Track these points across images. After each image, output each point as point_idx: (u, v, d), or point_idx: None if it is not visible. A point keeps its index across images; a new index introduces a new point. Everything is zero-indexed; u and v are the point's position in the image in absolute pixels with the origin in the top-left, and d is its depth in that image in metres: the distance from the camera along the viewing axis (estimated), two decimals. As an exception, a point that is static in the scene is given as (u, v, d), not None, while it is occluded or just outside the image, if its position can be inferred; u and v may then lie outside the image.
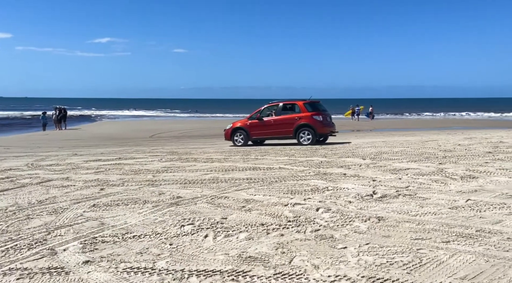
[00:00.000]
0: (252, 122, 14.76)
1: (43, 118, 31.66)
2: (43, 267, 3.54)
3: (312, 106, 14.42)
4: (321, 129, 14.22)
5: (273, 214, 5.12)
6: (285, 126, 14.19)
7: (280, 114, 14.50)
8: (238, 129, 14.93)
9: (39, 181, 8.08)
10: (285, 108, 14.65)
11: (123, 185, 7.41)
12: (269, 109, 14.88)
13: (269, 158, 10.74)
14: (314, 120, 14.05)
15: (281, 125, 14.28)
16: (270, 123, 14.48)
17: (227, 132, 15.32)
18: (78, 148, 16.56)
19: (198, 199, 6.04)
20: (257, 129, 14.63)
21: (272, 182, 7.20)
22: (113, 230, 4.61)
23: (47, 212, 5.47)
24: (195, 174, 8.38)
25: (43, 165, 10.56)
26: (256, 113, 14.96)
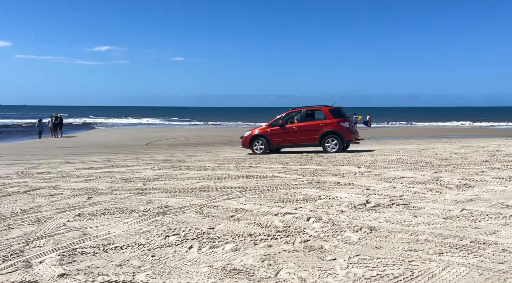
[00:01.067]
0: (273, 129, 14.28)
1: (38, 126, 31.45)
2: (15, 281, 3.37)
3: (338, 113, 14.02)
4: (348, 136, 13.83)
5: (263, 224, 4.96)
6: (310, 133, 13.80)
7: (303, 120, 14.13)
8: (258, 136, 14.42)
9: (26, 189, 7.91)
10: (309, 114, 14.28)
11: (111, 193, 7.25)
12: (290, 116, 14.50)
13: (263, 166, 10.59)
14: (341, 127, 13.64)
15: (305, 132, 13.88)
16: (293, 130, 14.04)
17: (245, 139, 14.79)
18: (72, 156, 16.38)
19: (187, 208, 5.87)
20: (278, 136, 14.17)
21: (264, 191, 7.05)
22: (95, 240, 4.44)
23: (29, 221, 5.30)
24: (186, 182, 8.22)
25: (33, 173, 10.39)
26: (277, 120, 14.47)
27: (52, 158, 15.09)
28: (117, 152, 18.02)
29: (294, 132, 14.03)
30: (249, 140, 14.61)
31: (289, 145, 14.45)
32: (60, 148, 21.60)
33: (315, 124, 13.91)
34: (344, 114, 14.38)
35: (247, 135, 14.82)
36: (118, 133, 37.28)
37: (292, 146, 14.46)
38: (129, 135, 34.57)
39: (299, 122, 14.20)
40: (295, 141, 14.07)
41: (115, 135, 33.99)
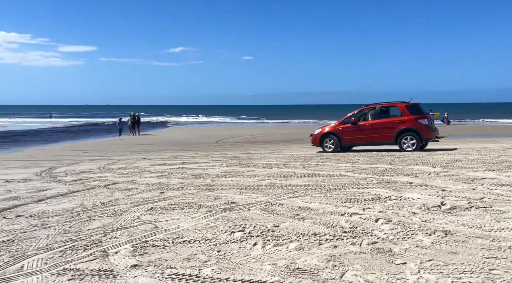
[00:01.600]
0: (345, 127, 13.77)
1: (119, 124, 33.72)
2: (93, 269, 3.62)
3: (416, 109, 13.29)
4: (427, 133, 13.06)
5: (328, 223, 4.85)
6: (385, 131, 13.13)
7: (377, 117, 13.53)
8: (329, 134, 13.97)
9: (106, 183, 8.50)
10: (383, 111, 13.65)
11: (182, 189, 7.54)
12: (363, 113, 13.99)
13: (330, 164, 10.38)
14: (419, 124, 12.93)
15: (379, 130, 13.24)
16: (367, 128, 13.44)
17: (315, 137, 14.44)
18: (148, 152, 17.35)
19: (252, 205, 5.93)
20: (351, 134, 13.63)
21: (330, 190, 6.90)
22: (165, 234, 4.64)
23: (107, 214, 5.68)
24: (252, 179, 8.31)
25: (113, 169, 11.15)
26: (349, 117, 13.96)
27: (130, 155, 16.09)
28: (189, 149, 18.75)
29: (368, 129, 13.45)
30: (319, 138, 14.25)
31: (361, 144, 13.91)
32: (137, 145, 22.96)
33: (390, 121, 13.28)
34: (423, 111, 13.57)
35: (317, 133, 14.47)
36: (190, 131, 38.81)
37: (365, 144, 13.90)
38: (200, 133, 35.84)
39: (373, 119, 13.61)
40: (369, 139, 13.49)
41: (187, 133, 35.42)
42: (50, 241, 4.45)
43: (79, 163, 13.06)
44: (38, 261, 3.84)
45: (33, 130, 38.91)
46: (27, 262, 3.80)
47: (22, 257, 3.95)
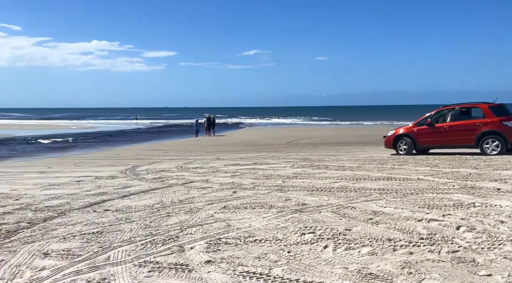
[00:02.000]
0: (420, 129, 13.12)
1: (196, 126, 35.22)
2: (171, 263, 3.84)
3: (501, 110, 12.34)
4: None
5: (404, 229, 4.65)
6: (464, 133, 12.33)
7: (456, 119, 12.70)
8: (403, 135, 13.42)
9: (183, 182, 8.93)
10: (463, 112, 12.81)
11: (254, 189, 7.68)
12: (441, 114, 13.26)
13: (408, 167, 9.91)
14: (504, 126, 11.93)
15: (458, 132, 12.46)
16: (444, 130, 12.73)
17: (388, 139, 13.97)
18: (222, 153, 17.91)
19: (323, 207, 5.86)
20: (426, 136, 12.98)
21: (406, 194, 6.59)
22: (237, 232, 4.77)
23: (184, 211, 5.97)
24: (324, 181, 8.21)
25: (189, 168, 11.68)
26: (425, 119, 13.30)
27: (205, 155, 16.73)
28: (261, 150, 19.02)
29: (446, 131, 12.71)
30: (392, 140, 13.76)
31: (438, 146, 13.23)
32: (212, 145, 23.80)
33: (471, 123, 12.44)
34: (509, 112, 12.54)
35: (391, 135, 13.97)
36: (262, 132, 39.33)
37: (442, 147, 13.19)
38: (272, 134, 36.17)
39: (451, 121, 12.82)
40: (446, 141, 12.75)
41: (260, 134, 35.94)
42: (133, 234, 4.79)
43: (159, 162, 13.86)
44: (122, 252, 4.15)
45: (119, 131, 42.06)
46: (113, 253, 4.14)
47: (109, 248, 4.30)
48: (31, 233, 4.96)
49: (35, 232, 4.99)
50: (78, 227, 5.20)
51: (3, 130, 41.75)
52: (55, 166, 13.25)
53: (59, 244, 4.45)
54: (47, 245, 4.43)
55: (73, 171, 11.64)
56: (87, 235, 4.80)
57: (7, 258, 4.05)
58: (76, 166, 13.24)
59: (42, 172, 11.64)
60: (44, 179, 9.86)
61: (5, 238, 4.74)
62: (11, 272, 3.68)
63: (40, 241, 4.60)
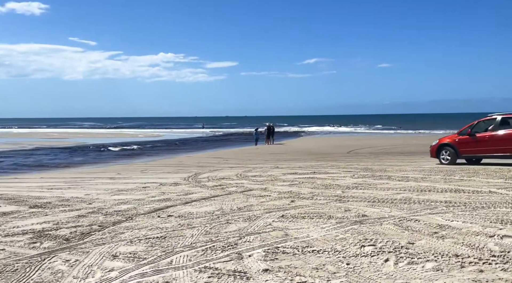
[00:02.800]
0: (462, 138, 13.18)
1: (255, 134, 35.66)
2: (230, 270, 3.92)
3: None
4: None
5: (473, 245, 4.37)
6: (505, 143, 12.15)
7: (498, 129, 12.52)
8: (445, 145, 13.55)
9: (242, 190, 9.08)
10: (504, 122, 12.58)
11: (312, 198, 7.62)
12: (484, 123, 13.15)
13: (478, 179, 9.29)
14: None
15: (499, 142, 12.27)
16: (485, 139, 12.62)
17: (432, 148, 14.16)
18: (280, 161, 17.95)
19: (385, 219, 5.68)
20: (468, 145, 12.94)
21: (476, 208, 6.19)
22: (295, 242, 4.76)
23: (243, 218, 6.07)
24: (386, 192, 7.94)
25: (248, 176, 11.84)
26: (467, 128, 13.34)
27: (264, 163, 16.87)
28: (320, 159, 18.80)
29: (487, 141, 12.54)
30: (436, 149, 13.83)
31: (480, 156, 13.14)
32: (271, 154, 23.94)
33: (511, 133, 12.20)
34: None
35: (435, 144, 14.03)
36: (322, 141, 38.88)
37: (484, 157, 13.09)
38: (332, 143, 35.61)
39: (492, 131, 12.61)
40: (486, 151, 12.61)
41: (319, 143, 35.56)
42: (194, 240, 4.96)
43: (219, 170, 14.21)
44: (184, 257, 4.31)
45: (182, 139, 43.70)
46: (175, 258, 4.31)
47: (172, 252, 4.49)
48: (101, 235, 5.31)
49: (105, 235, 5.33)
50: (144, 231, 5.48)
51: (78, 139, 45.11)
52: (124, 173, 14.06)
53: (126, 247, 4.72)
54: (116, 248, 4.71)
55: (140, 177, 12.28)
56: (151, 239, 5.04)
57: (81, 258, 4.37)
58: (143, 173, 13.95)
59: (112, 178, 12.41)
60: (114, 185, 10.50)
61: (79, 240, 5.11)
62: (84, 272, 3.97)
63: (109, 243, 4.91)
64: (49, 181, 11.87)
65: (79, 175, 13.88)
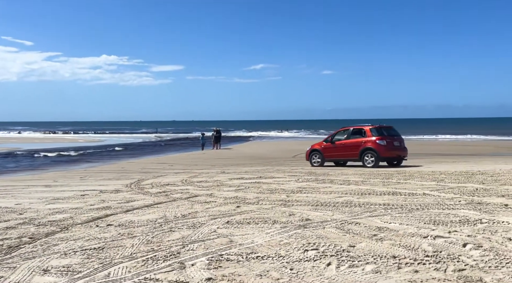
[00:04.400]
0: (326, 145, 16.26)
1: (202, 139, 35.31)
2: (171, 280, 3.79)
3: (378, 131, 15.32)
4: (385, 153, 14.91)
5: (409, 246, 4.57)
6: (352, 149, 15.38)
7: (349, 137, 15.76)
8: (315, 150, 16.51)
9: (187, 196, 8.90)
10: (355, 132, 15.83)
11: (257, 203, 7.63)
12: (342, 133, 16.33)
13: (413, 182, 9.81)
14: (377, 144, 14.89)
15: (348, 148, 15.49)
16: (340, 146, 15.81)
17: (306, 153, 16.97)
18: (227, 166, 17.88)
19: (327, 223, 5.79)
20: (329, 151, 16.03)
21: (412, 210, 6.50)
22: (239, 248, 4.71)
23: (187, 226, 5.93)
24: (328, 196, 8.14)
25: (194, 182, 11.65)
26: (330, 137, 16.56)
27: (211, 168, 16.72)
28: (266, 164, 18.97)
29: (341, 147, 15.77)
30: (308, 153, 16.67)
31: (337, 160, 16.16)
32: (218, 159, 23.80)
33: (357, 141, 15.39)
34: (384, 133, 15.35)
35: (308, 150, 16.94)
36: (268, 146, 39.32)
37: (340, 160, 16.14)
38: (278, 147, 36.13)
39: (345, 139, 15.88)
40: (341, 155, 15.82)
41: (265, 148, 35.93)
42: (134, 250, 4.75)
43: (164, 175, 13.87)
44: (123, 269, 4.11)
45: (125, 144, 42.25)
46: (113, 270, 4.09)
47: (109, 264, 4.26)
48: (32, 248, 4.93)
49: (37, 247, 4.97)
50: (80, 242, 5.17)
51: (11, 144, 42.17)
52: (61, 180, 13.30)
53: (60, 260, 4.42)
54: (48, 261, 4.40)
55: (78, 184, 11.67)
56: (88, 250, 4.77)
57: (6, 274, 4.02)
58: (82, 179, 13.28)
59: (47, 185, 11.68)
60: (49, 193, 9.88)
61: (6, 254, 4.71)
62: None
63: (41, 257, 4.57)
64: (-25, 190, 10.93)
65: (11, 183, 12.93)
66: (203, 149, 33.49)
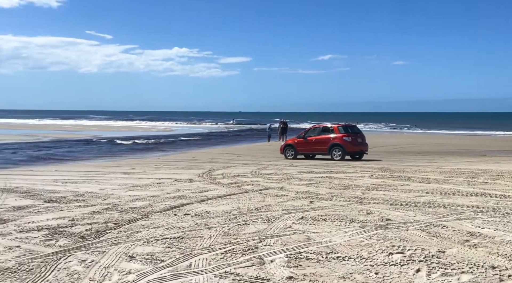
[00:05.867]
0: (299, 140, 18.10)
1: (268, 130, 35.41)
2: (251, 276, 3.73)
3: (345, 129, 17.49)
4: (350, 148, 16.86)
5: (510, 255, 4.11)
6: (322, 145, 17.23)
7: (320, 134, 17.67)
8: (289, 145, 18.41)
9: (258, 188, 8.89)
10: (325, 129, 17.84)
11: (331, 199, 7.40)
12: (313, 131, 18.25)
13: (504, 183, 8.96)
14: (344, 140, 16.86)
15: (319, 143, 17.34)
16: (312, 142, 17.61)
17: (281, 147, 18.91)
18: (295, 159, 17.73)
19: (410, 224, 5.43)
20: (302, 145, 17.84)
21: (507, 214, 5.90)
22: (318, 247, 4.55)
23: (261, 219, 5.88)
24: (407, 194, 7.68)
25: (263, 174, 11.65)
26: (303, 133, 18.30)
27: (278, 160, 16.66)
28: (335, 158, 18.51)
29: (312, 143, 17.60)
30: (283, 148, 18.63)
31: (309, 153, 17.82)
32: (284, 151, 23.66)
33: (326, 137, 17.29)
34: (350, 131, 17.44)
35: (282, 144, 19.05)
36: (335, 138, 38.42)
37: (311, 154, 17.83)
38: (345, 140, 35.19)
39: (316, 135, 17.74)
40: (312, 150, 17.65)
41: (332, 140, 35.15)
42: (212, 242, 4.79)
43: (234, 166, 14.04)
44: (203, 260, 4.14)
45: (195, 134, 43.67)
46: (194, 261, 4.14)
47: (190, 255, 4.32)
48: (117, 234, 5.17)
49: (121, 233, 5.19)
50: (160, 230, 5.32)
51: (92, 131, 45.41)
52: (138, 167, 13.98)
53: (143, 248, 4.57)
54: (132, 248, 4.56)
55: (154, 172, 12.18)
56: (168, 239, 4.89)
57: (97, 258, 4.23)
58: (157, 168, 13.86)
59: (126, 172, 12.33)
60: (128, 180, 10.41)
61: (95, 238, 4.98)
62: (100, 274, 3.82)
63: (126, 243, 4.77)
64: (64, 175, 11.84)
65: (93, 169, 13.85)
66: (269, 141, 33.57)
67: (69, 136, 35.74)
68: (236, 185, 9.38)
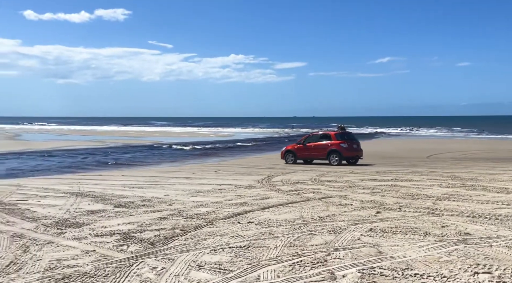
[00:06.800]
0: (298, 146, 19.07)
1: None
2: (323, 291, 3.57)
3: (341, 136, 18.51)
4: (346, 153, 18.01)
5: None
6: (321, 151, 18.31)
7: (318, 141, 18.78)
8: (289, 151, 19.18)
9: (320, 196, 8.68)
10: (323, 136, 19.03)
11: (400, 210, 7.02)
12: (312, 137, 19.46)
13: None
14: (341, 147, 17.96)
15: (318, 149, 18.42)
16: (311, 148, 18.64)
17: (282, 153, 19.63)
18: (355, 165, 17.21)
19: (493, 240, 4.98)
20: (301, 151, 18.79)
21: None
22: (392, 262, 4.28)
23: (327, 230, 5.69)
24: (485, 206, 7.10)
25: (323, 181, 11.39)
26: (302, 140, 19.35)
27: (337, 167, 16.26)
28: (397, 164, 17.75)
29: (312, 149, 18.63)
30: (283, 153, 19.31)
31: (308, 159, 18.70)
32: (343, 157, 23.09)
33: (325, 144, 18.36)
34: (345, 137, 18.48)
35: (283, 150, 19.70)
36: (397, 144, 37.01)
37: (310, 159, 18.68)
38: (408, 146, 33.74)
39: (315, 142, 18.79)
40: (312, 155, 18.61)
41: (394, 146, 33.87)
42: (278, 252, 4.68)
43: (292, 172, 13.89)
44: (271, 272, 4.04)
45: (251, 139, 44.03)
46: (262, 272, 4.05)
47: (257, 266, 4.24)
48: (184, 241, 5.22)
49: (188, 240, 5.24)
50: (226, 238, 5.31)
51: (154, 137, 47.33)
52: (199, 173, 14.27)
53: (211, 256, 4.57)
54: (200, 256, 4.57)
55: (214, 178, 12.34)
56: (235, 248, 4.85)
57: (167, 266, 4.28)
58: (217, 173, 14.06)
59: (188, 178, 12.61)
60: (190, 186, 10.62)
61: (164, 245, 5.06)
62: (172, 282, 3.84)
63: (193, 250, 4.79)
64: (130, 180, 12.35)
65: (157, 174, 14.33)
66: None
67: (133, 142, 37.47)
68: (297, 193, 9.22)
